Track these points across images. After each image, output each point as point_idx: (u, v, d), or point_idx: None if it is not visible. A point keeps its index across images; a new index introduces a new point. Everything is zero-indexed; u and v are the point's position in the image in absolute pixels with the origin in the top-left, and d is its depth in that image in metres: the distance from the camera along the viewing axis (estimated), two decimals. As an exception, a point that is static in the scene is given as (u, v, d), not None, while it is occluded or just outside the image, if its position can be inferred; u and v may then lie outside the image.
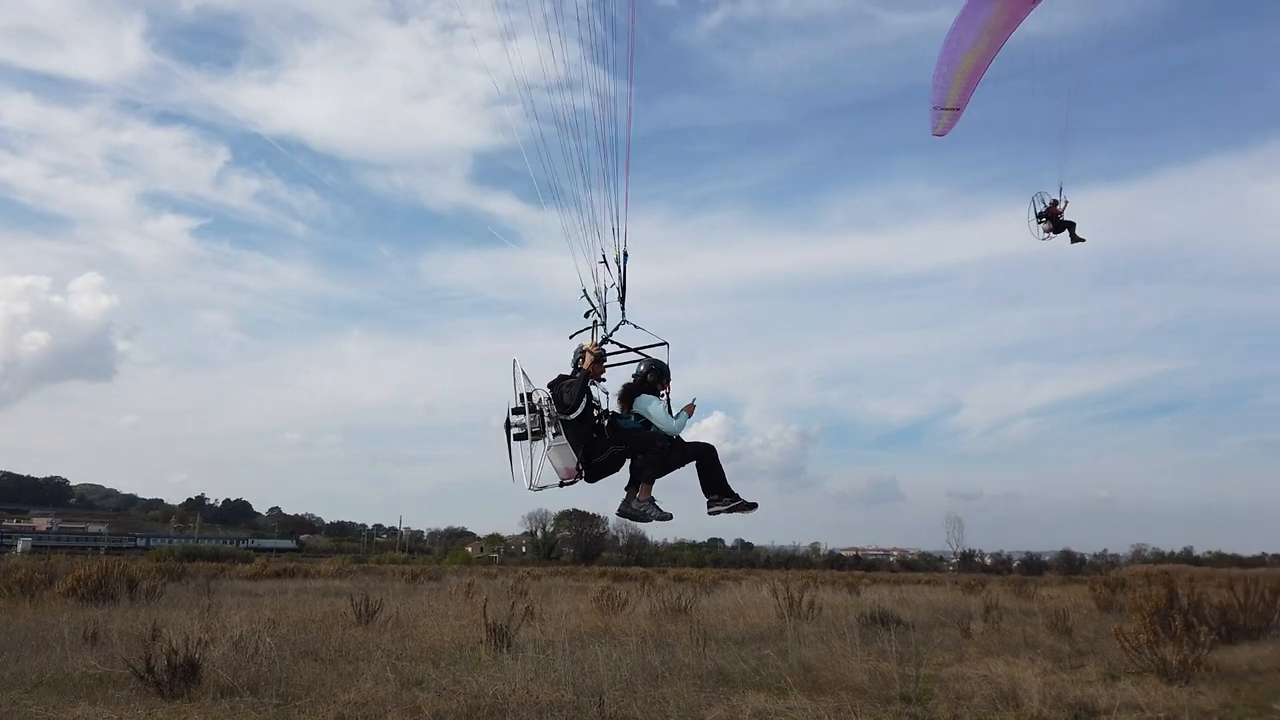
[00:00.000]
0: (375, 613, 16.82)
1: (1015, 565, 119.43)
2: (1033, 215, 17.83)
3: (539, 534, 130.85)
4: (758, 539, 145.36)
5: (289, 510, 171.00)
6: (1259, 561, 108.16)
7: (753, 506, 10.05)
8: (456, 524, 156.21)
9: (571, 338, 10.52)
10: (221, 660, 10.71)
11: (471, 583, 31.01)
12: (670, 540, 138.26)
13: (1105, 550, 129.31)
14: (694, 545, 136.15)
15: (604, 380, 10.28)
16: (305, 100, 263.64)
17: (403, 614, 17.85)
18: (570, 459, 10.00)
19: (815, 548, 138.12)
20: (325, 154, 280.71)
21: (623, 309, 10.68)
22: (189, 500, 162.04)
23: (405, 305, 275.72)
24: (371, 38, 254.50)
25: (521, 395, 10.04)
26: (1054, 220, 17.82)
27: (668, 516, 10.21)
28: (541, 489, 10.09)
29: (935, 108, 14.66)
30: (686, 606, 19.06)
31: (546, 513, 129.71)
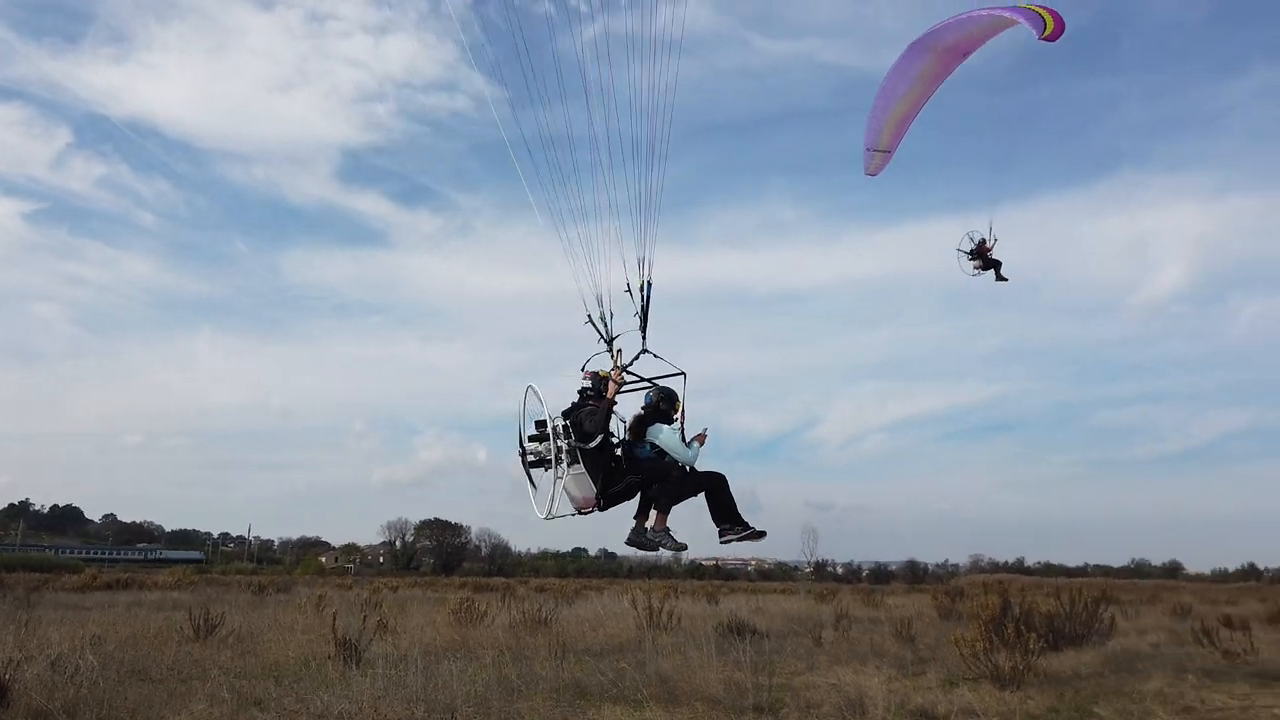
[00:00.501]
0: (215, 627, 15.89)
1: (865, 574, 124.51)
2: (963, 252, 18.34)
3: (398, 544, 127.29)
4: (622, 549, 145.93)
5: (125, 517, 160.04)
6: (1082, 572, 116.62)
7: (762, 534, 10.28)
8: (310, 533, 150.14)
9: (584, 367, 10.56)
10: (35, 681, 9.85)
11: (323, 595, 29.76)
12: (534, 550, 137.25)
13: (946, 560, 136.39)
14: (557, 555, 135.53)
15: (616, 405, 10.30)
16: (159, 84, 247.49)
17: (246, 628, 16.94)
18: (589, 489, 9.99)
19: (677, 558, 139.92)
20: (179, 141, 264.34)
21: (644, 338, 10.73)
22: (10, 506, 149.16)
23: (262, 303, 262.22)
24: (234, 22, 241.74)
25: (537, 422, 10.08)
26: (983, 258, 18.36)
27: (683, 547, 10.48)
28: (557, 518, 10.12)
29: (868, 149, 15.30)
30: (546, 618, 18.88)
31: (406, 522, 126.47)
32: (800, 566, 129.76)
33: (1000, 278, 18.46)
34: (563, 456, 9.81)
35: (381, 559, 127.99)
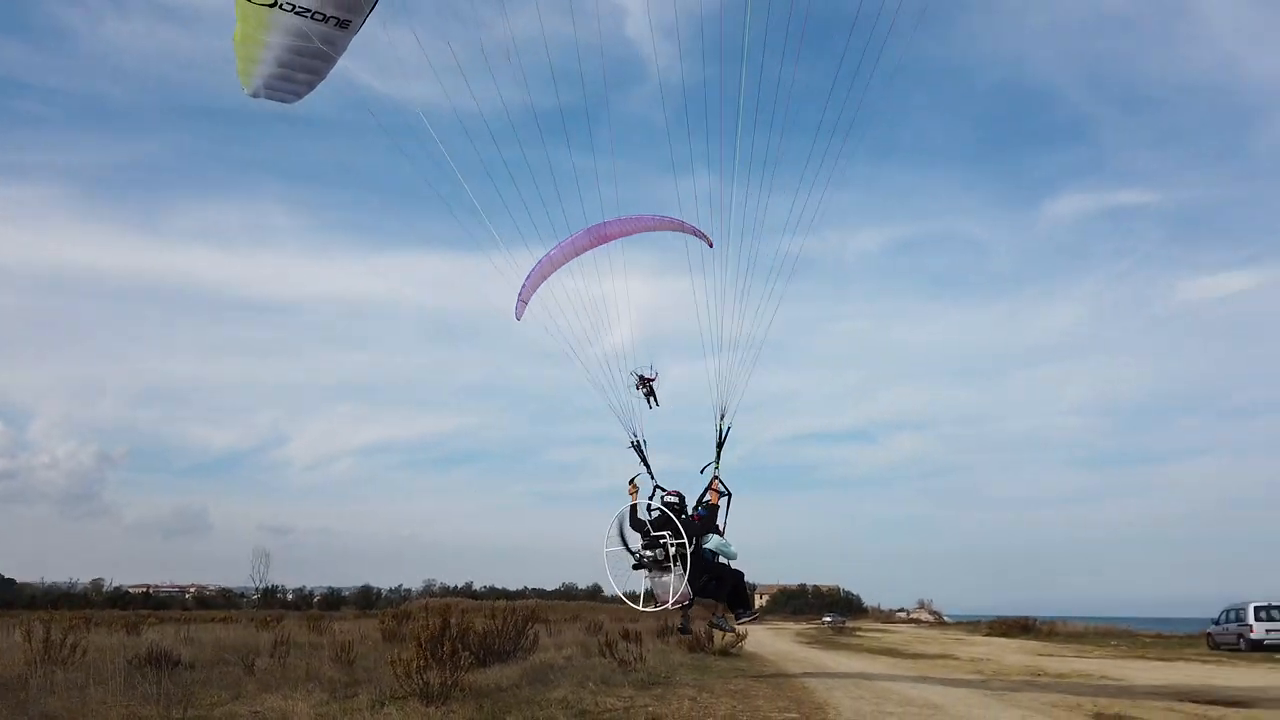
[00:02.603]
0: None
1: (316, 600, 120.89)
2: (634, 382, 21.67)
3: None
4: (24, 575, 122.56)
5: None
6: (522, 595, 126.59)
7: (759, 614, 13.64)
8: None
9: (632, 480, 13.82)
10: None
11: None
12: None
13: (401, 585, 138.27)
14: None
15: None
16: None
17: None
18: (685, 585, 12.41)
19: (98, 584, 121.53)
20: None
21: (717, 465, 13.66)
22: None
23: None
24: None
25: (650, 532, 12.70)
26: (647, 386, 21.55)
27: (742, 633, 13.50)
28: (654, 610, 12.85)
29: (520, 299, 18.27)
30: (-106, 657, 15.14)
31: None
32: (246, 593, 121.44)
33: (655, 403, 22.83)
34: (672, 560, 12.35)
35: None
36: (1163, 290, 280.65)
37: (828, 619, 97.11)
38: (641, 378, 22.58)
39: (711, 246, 18.89)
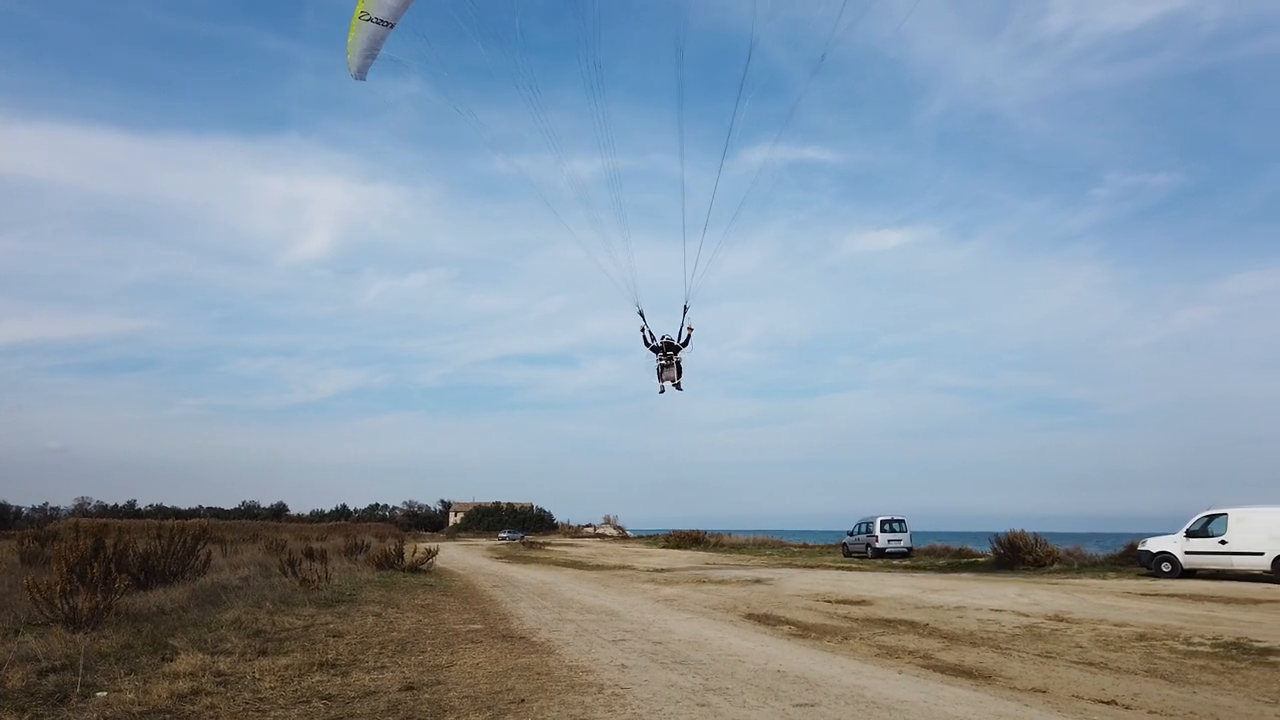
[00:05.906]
0: None
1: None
2: None
3: None
4: None
5: None
6: (195, 514, 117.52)
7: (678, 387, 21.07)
8: None
9: (642, 330, 20.78)
10: None
11: None
12: None
13: (47, 504, 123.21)
14: None
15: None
16: None
17: None
18: (677, 375, 20.62)
19: None
20: None
21: (685, 318, 20.70)
22: None
23: None
24: None
25: (664, 351, 20.58)
26: None
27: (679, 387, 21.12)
28: (663, 385, 20.75)
29: None
30: None
31: None
32: None
33: None
34: (674, 362, 20.55)
35: None
36: (833, 242, 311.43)
37: (503, 535, 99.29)
38: None
39: None
